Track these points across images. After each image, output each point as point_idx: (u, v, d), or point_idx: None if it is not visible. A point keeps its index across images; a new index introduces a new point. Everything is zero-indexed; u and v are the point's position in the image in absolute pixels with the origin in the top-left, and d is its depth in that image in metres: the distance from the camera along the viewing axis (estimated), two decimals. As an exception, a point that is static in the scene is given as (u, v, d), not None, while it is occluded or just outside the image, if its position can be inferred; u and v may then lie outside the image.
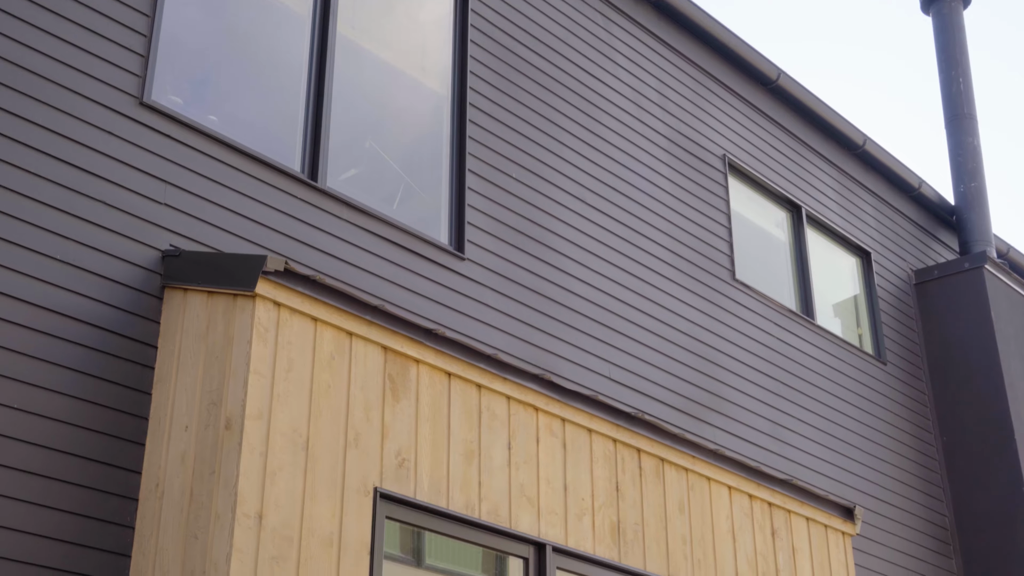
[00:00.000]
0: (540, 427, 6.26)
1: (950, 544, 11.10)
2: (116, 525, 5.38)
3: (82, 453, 5.39)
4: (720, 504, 7.12)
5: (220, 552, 4.81)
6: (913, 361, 11.78)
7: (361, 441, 5.40)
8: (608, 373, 8.29)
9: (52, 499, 5.23)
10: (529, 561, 5.93)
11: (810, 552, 7.59)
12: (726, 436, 9.09)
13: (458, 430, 5.85)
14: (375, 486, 5.37)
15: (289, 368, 5.25)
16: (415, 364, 5.77)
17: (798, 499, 7.61)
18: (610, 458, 6.58)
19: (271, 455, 5.05)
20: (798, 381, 10.11)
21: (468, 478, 5.79)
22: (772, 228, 10.85)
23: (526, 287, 7.94)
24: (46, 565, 5.13)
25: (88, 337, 5.58)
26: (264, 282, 5.24)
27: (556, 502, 6.16)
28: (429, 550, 5.88)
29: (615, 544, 6.38)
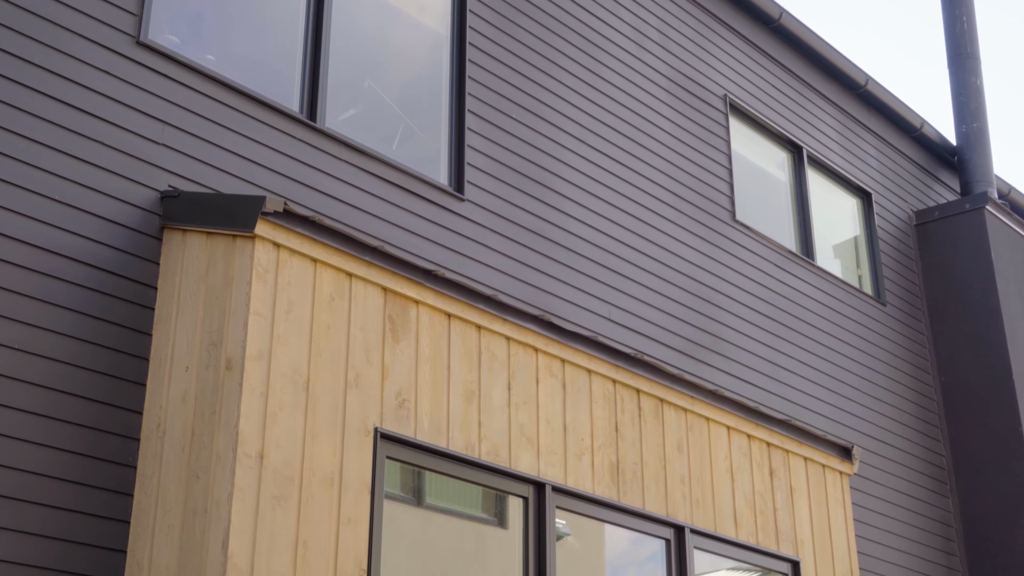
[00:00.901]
0: (540, 368, 6.28)
1: (947, 484, 11.18)
2: (118, 465, 5.41)
3: (83, 393, 5.41)
4: (719, 444, 7.16)
5: (222, 491, 4.84)
6: (913, 302, 11.79)
7: (361, 382, 5.42)
8: (608, 314, 8.30)
9: (54, 439, 5.26)
10: (529, 500, 5.97)
11: (808, 492, 7.64)
12: (725, 377, 9.12)
13: (458, 371, 5.87)
14: (375, 426, 5.39)
15: (289, 309, 5.26)
16: (415, 305, 5.78)
17: (796, 439, 7.65)
18: (609, 398, 6.60)
19: (272, 395, 5.06)
20: (797, 322, 10.13)
21: (468, 418, 5.82)
22: (773, 169, 10.82)
23: (526, 228, 7.92)
24: (49, 504, 5.17)
25: (87, 278, 5.57)
26: (263, 223, 5.23)
27: (556, 442, 6.19)
28: (429, 490, 5.92)
29: (614, 484, 6.42)
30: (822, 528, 7.62)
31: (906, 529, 10.43)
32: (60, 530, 5.16)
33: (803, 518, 7.52)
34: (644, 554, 6.76)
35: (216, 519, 4.82)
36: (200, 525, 4.89)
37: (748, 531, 7.09)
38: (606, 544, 6.64)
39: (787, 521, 7.39)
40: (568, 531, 6.28)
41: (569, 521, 6.25)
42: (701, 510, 6.85)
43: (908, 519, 10.50)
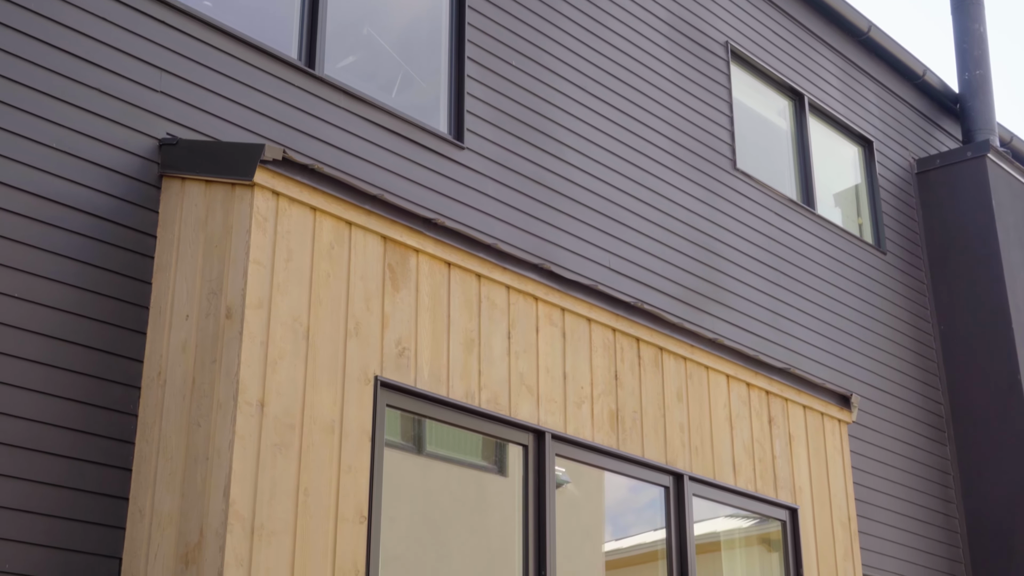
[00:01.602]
0: (540, 316, 6.29)
1: (945, 432, 11.23)
2: (119, 413, 5.43)
3: (83, 342, 5.42)
4: (718, 392, 7.19)
5: (223, 439, 4.86)
6: (913, 251, 11.78)
7: (361, 330, 5.43)
8: (608, 263, 8.29)
9: (55, 387, 5.27)
10: (528, 448, 6.00)
11: (806, 439, 7.68)
12: (725, 325, 9.13)
13: (458, 319, 5.88)
14: (375, 375, 5.40)
15: (288, 258, 5.25)
16: (415, 254, 5.77)
17: (795, 387, 7.67)
18: (609, 347, 6.61)
19: (272, 344, 5.07)
20: (797, 271, 10.13)
21: (468, 367, 5.83)
22: (774, 117, 10.77)
23: (526, 176, 7.90)
24: (51, 452, 5.19)
25: (87, 226, 5.56)
26: (262, 171, 5.21)
27: (555, 390, 6.21)
28: (429, 438, 5.95)
29: (613, 432, 6.45)
30: (820, 476, 7.66)
31: (904, 477, 10.49)
32: (62, 478, 5.19)
33: (801, 466, 7.56)
34: (643, 501, 6.80)
35: (217, 467, 4.84)
36: (201, 472, 4.92)
37: (746, 479, 7.13)
38: (605, 492, 6.68)
39: (785, 469, 7.43)
40: (568, 479, 6.32)
41: (569, 469, 6.29)
42: (700, 458, 6.89)
43: (906, 467, 10.56)
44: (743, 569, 7.52)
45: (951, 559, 10.71)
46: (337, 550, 5.01)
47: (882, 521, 10.02)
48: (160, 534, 5.03)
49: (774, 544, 7.35)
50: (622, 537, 6.92)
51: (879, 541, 9.90)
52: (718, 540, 7.28)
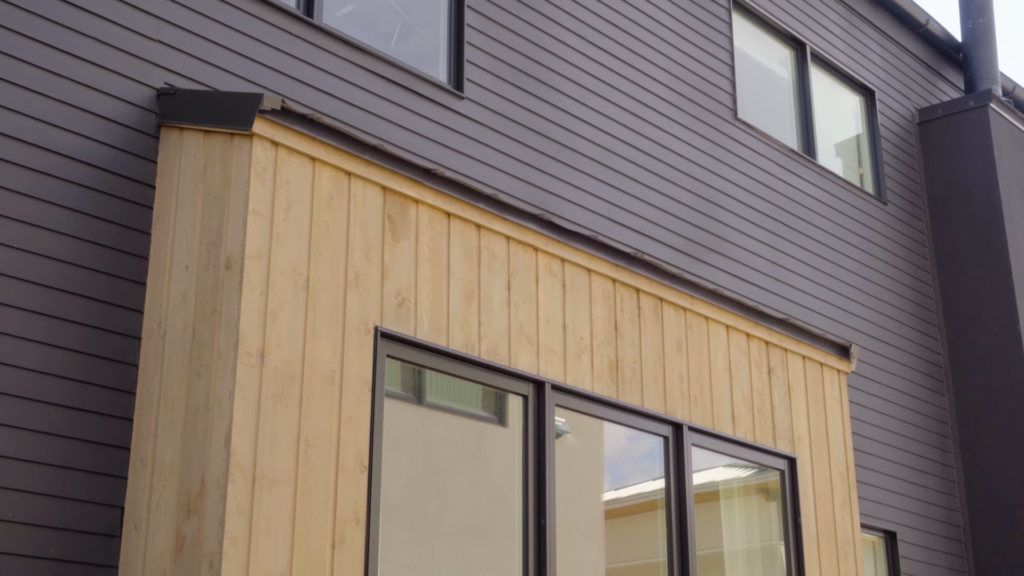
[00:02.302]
0: (540, 267, 6.28)
1: (943, 382, 11.26)
2: (120, 363, 5.44)
3: (84, 292, 5.41)
4: (718, 343, 7.20)
5: (223, 389, 4.88)
6: (914, 201, 11.76)
7: (361, 281, 5.42)
8: (608, 213, 8.28)
9: (56, 338, 5.28)
10: (528, 399, 6.02)
11: (805, 390, 7.70)
12: (725, 276, 9.13)
13: (458, 270, 5.87)
14: (376, 325, 5.41)
15: (288, 208, 5.24)
16: (414, 204, 5.76)
17: (795, 338, 7.69)
18: (609, 298, 6.61)
19: (272, 294, 5.07)
20: (798, 221, 10.11)
21: (468, 317, 5.83)
22: (775, 66, 10.70)
23: (526, 126, 7.86)
24: (52, 402, 5.21)
25: (85, 176, 5.54)
26: (261, 121, 5.19)
27: (555, 341, 6.22)
28: (430, 388, 5.97)
29: (613, 382, 6.46)
30: (819, 426, 7.69)
31: (902, 427, 10.53)
32: (63, 427, 5.21)
33: (800, 416, 7.59)
34: (642, 451, 6.83)
35: (218, 417, 4.86)
36: (202, 422, 4.93)
37: (745, 429, 7.16)
38: (605, 442, 6.71)
39: (784, 419, 7.45)
40: (567, 429, 6.34)
41: (568, 419, 6.31)
42: (699, 408, 6.91)
43: (904, 416, 10.60)
44: (741, 518, 7.57)
45: (948, 508, 10.78)
46: (338, 499, 5.04)
47: (880, 471, 10.08)
48: (162, 483, 5.06)
49: (772, 494, 7.39)
50: (621, 487, 6.96)
51: (877, 491, 9.96)
52: (717, 490, 7.32)
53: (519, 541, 5.83)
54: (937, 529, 10.57)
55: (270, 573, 4.73)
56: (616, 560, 6.71)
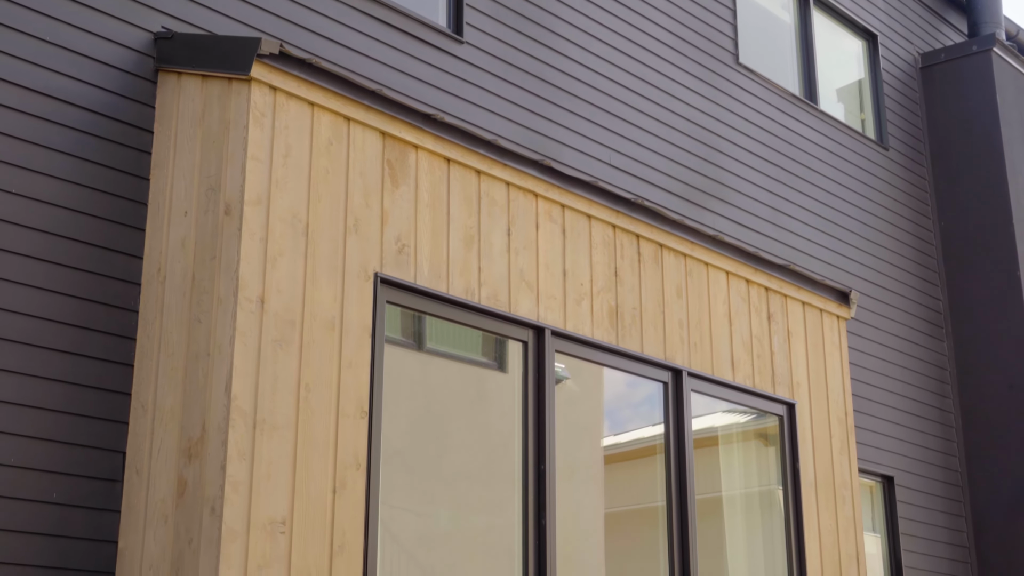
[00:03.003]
0: (540, 213, 6.27)
1: (942, 327, 11.28)
2: (120, 309, 5.44)
3: (82, 238, 5.40)
4: (718, 289, 7.20)
5: (224, 335, 4.88)
6: (915, 146, 11.71)
7: (361, 227, 5.41)
8: (608, 159, 8.24)
9: (55, 283, 5.28)
10: (528, 344, 6.03)
11: (805, 335, 7.71)
12: (725, 222, 9.11)
13: (457, 216, 5.86)
14: (375, 271, 5.40)
15: (287, 153, 5.21)
16: (414, 150, 5.73)
17: (795, 284, 7.68)
18: (609, 244, 6.60)
19: (271, 240, 5.06)
20: (799, 167, 10.07)
21: (468, 263, 5.83)
22: (777, 10, 10.61)
23: (526, 71, 7.81)
24: (53, 348, 5.21)
25: (82, 121, 5.51)
26: (259, 65, 5.15)
27: (555, 287, 6.22)
28: (430, 334, 5.97)
29: (613, 328, 6.47)
30: (818, 371, 7.71)
31: (900, 372, 10.56)
32: (64, 373, 5.22)
33: (799, 362, 7.60)
34: (642, 397, 6.86)
35: (219, 362, 4.87)
36: (203, 368, 4.94)
37: (745, 374, 7.17)
38: (604, 387, 6.73)
39: (783, 364, 7.47)
40: (567, 375, 6.36)
41: (568, 365, 6.33)
42: (699, 354, 6.92)
43: (903, 362, 10.63)
44: (740, 463, 7.62)
45: (946, 453, 10.84)
46: (339, 444, 5.06)
47: (878, 416, 10.12)
48: (163, 429, 5.08)
49: (771, 439, 7.43)
50: (620, 432, 6.99)
51: (875, 435, 10.01)
52: (716, 435, 7.35)
53: (519, 486, 5.86)
54: (934, 474, 10.63)
55: (272, 517, 4.76)
56: (615, 505, 6.76)
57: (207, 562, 4.62)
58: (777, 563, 7.21)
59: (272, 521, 4.76)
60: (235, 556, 4.61)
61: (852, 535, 7.55)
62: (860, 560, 7.56)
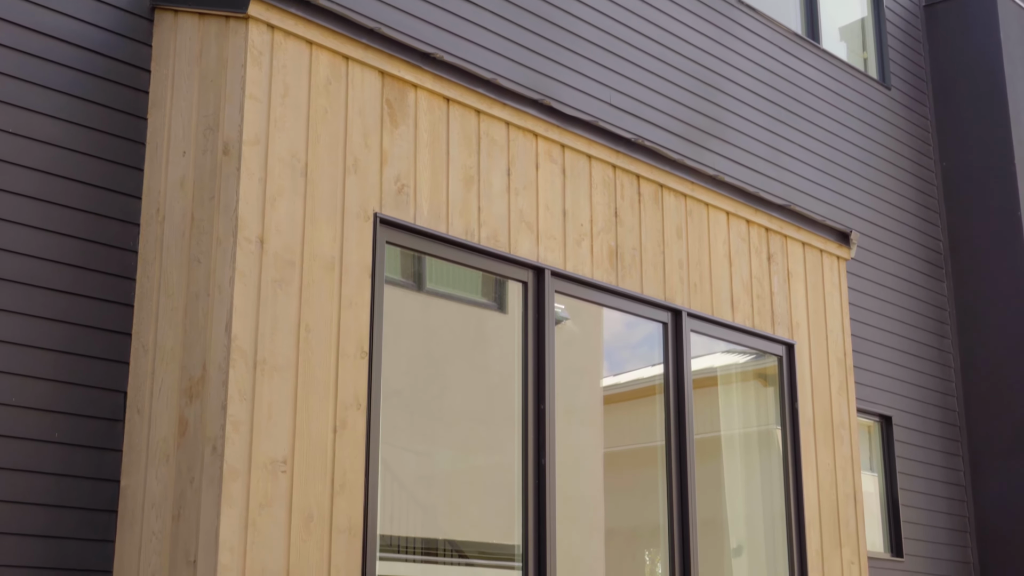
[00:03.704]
0: (539, 153, 6.24)
1: (942, 268, 11.28)
2: (118, 249, 5.43)
3: (81, 178, 5.38)
4: (718, 229, 7.18)
5: (223, 275, 4.88)
6: (918, 86, 11.63)
7: (360, 167, 5.39)
8: (609, 99, 8.19)
9: (53, 223, 5.26)
10: (528, 285, 6.02)
11: (804, 276, 7.71)
12: (726, 162, 9.08)
13: (457, 156, 5.83)
14: (375, 211, 5.39)
15: (285, 93, 5.18)
16: (413, 89, 5.69)
17: (795, 224, 7.67)
18: (609, 184, 6.58)
19: (270, 180, 5.04)
20: (800, 106, 10.01)
21: (467, 204, 5.81)
22: (780, -53, 10.50)
23: (525, 10, 7.74)
24: (52, 288, 5.21)
25: (79, 60, 5.47)
26: (256, 3, 5.10)
27: (555, 227, 6.21)
28: (430, 275, 5.97)
29: (613, 268, 6.46)
30: (817, 312, 7.72)
31: (900, 312, 10.57)
32: (64, 313, 5.22)
33: (799, 302, 7.61)
34: (641, 338, 6.87)
35: (219, 303, 4.87)
36: (203, 308, 4.95)
37: (744, 315, 7.18)
38: (604, 328, 6.74)
39: (783, 305, 7.48)
40: (567, 315, 6.37)
41: (568, 306, 6.33)
42: (698, 294, 6.93)
43: (902, 303, 10.64)
44: (739, 404, 7.65)
45: (944, 393, 10.88)
46: (339, 384, 5.08)
47: (877, 356, 10.15)
48: (164, 369, 5.09)
49: (770, 379, 7.45)
50: (620, 373, 7.01)
51: (873, 375, 10.04)
52: (715, 375, 7.38)
53: (518, 426, 5.89)
54: (932, 413, 10.68)
55: (272, 457, 4.79)
56: (614, 445, 6.80)
57: (209, 501, 4.65)
58: (775, 502, 7.27)
59: (273, 460, 4.79)
60: (237, 495, 4.64)
61: (850, 474, 7.60)
62: (857, 499, 7.61)
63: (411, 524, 5.78)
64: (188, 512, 4.75)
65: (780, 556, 7.17)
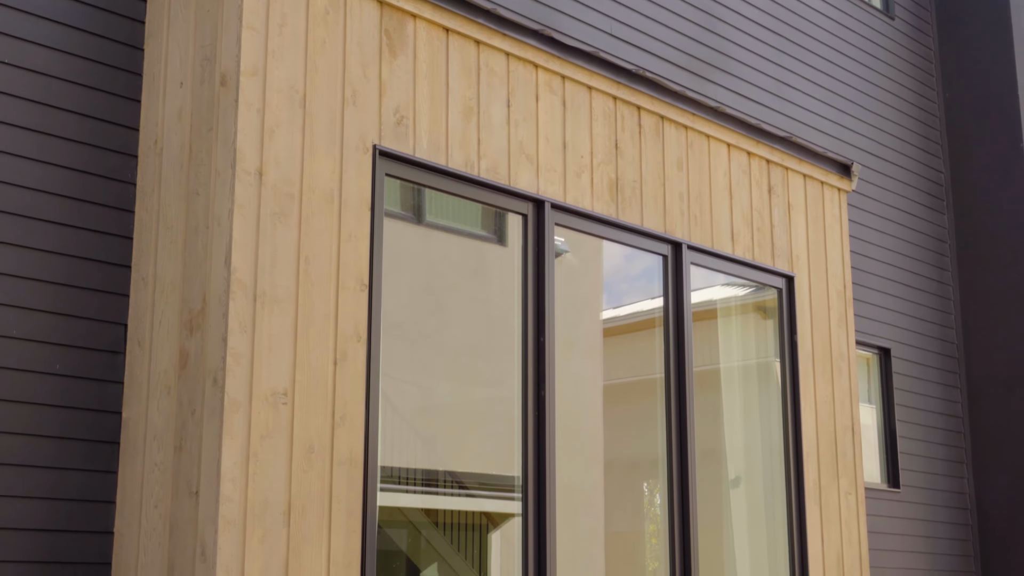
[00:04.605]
0: (540, 84, 6.19)
1: (943, 200, 11.25)
2: (117, 181, 5.41)
3: (77, 109, 5.35)
4: (718, 161, 7.15)
5: (222, 208, 4.86)
6: (922, 16, 11.52)
7: (359, 98, 5.35)
8: (610, 29, 8.11)
9: (51, 155, 5.24)
10: (528, 217, 6.01)
11: (805, 208, 7.69)
12: (727, 94, 9.02)
13: (456, 87, 5.79)
14: (374, 143, 5.36)
15: (283, 23, 5.12)
16: (412, 19, 5.63)
17: (796, 156, 7.64)
18: (610, 116, 6.54)
19: (268, 112, 5.01)
20: (803, 37, 9.92)
21: (467, 136, 5.78)
22: None
23: (526, -63, 7.64)
24: (50, 220, 5.20)
25: (74, -10, 5.41)
26: (253, -68, 5.03)
27: (555, 159, 6.18)
28: (429, 208, 5.95)
29: (613, 201, 6.44)
30: (817, 244, 7.71)
31: (900, 245, 10.56)
32: (63, 245, 5.21)
33: (799, 234, 7.60)
34: (641, 270, 6.87)
35: (218, 235, 4.86)
36: (202, 241, 4.94)
37: (744, 247, 7.17)
38: (604, 261, 6.74)
39: (783, 237, 7.46)
40: (566, 248, 6.36)
41: (567, 238, 6.32)
42: (699, 227, 6.91)
43: (903, 235, 10.62)
44: (738, 336, 7.67)
45: (943, 325, 10.91)
46: (339, 317, 5.08)
47: (877, 288, 10.15)
48: (164, 301, 5.09)
49: (770, 312, 7.46)
50: (619, 306, 7.02)
51: (873, 308, 10.06)
52: (715, 308, 7.39)
53: (518, 358, 5.90)
54: (931, 346, 10.71)
55: (273, 389, 4.80)
56: (614, 377, 6.83)
57: (210, 432, 4.67)
58: (773, 434, 7.31)
59: (274, 392, 4.81)
60: (238, 426, 4.66)
61: (848, 406, 7.64)
62: (855, 431, 7.66)
63: (412, 455, 5.82)
64: (190, 443, 4.78)
65: (778, 487, 7.23)
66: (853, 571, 7.43)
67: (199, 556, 4.60)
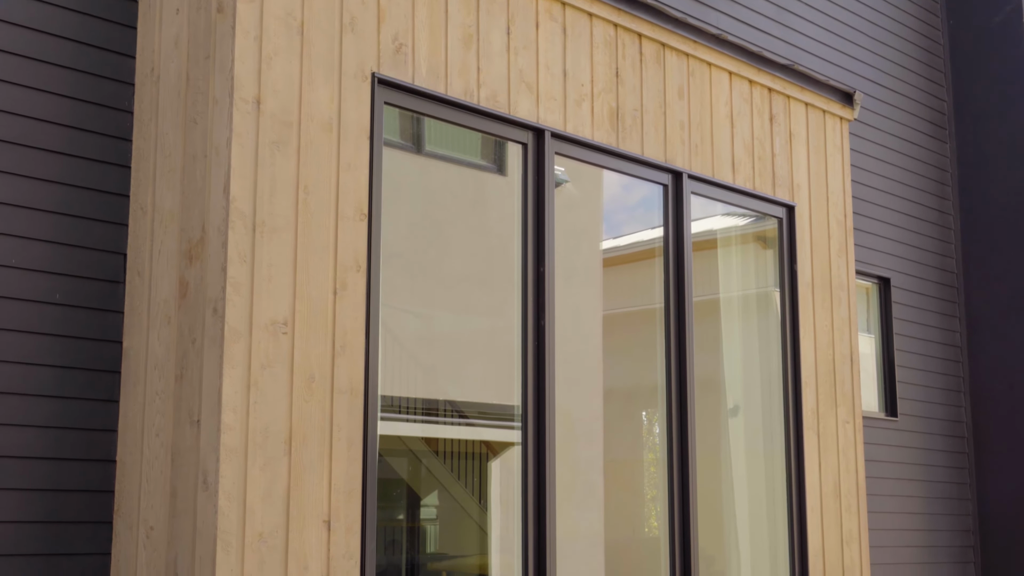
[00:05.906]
0: (540, 11, 6.12)
1: (946, 129, 11.18)
2: (113, 109, 5.37)
3: (72, 36, 5.29)
4: (720, 90, 7.10)
5: (220, 136, 4.83)
6: (926, -58, 11.38)
7: (357, 25, 5.29)
8: (611, -46, 8.01)
9: (44, 82, 5.19)
10: (528, 146, 5.97)
11: (807, 137, 7.65)
12: (730, 21, 8.92)
13: (456, 14, 5.72)
14: (372, 71, 5.31)
15: (280, -52, 5.05)
16: (411, -56, 5.56)
17: (798, 84, 7.58)
18: (610, 43, 6.48)
19: (266, 39, 4.95)
20: (806, -37, 9.81)
21: (466, 63, 5.72)
22: None
23: None
24: (47, 149, 5.17)
25: (68, -86, 5.33)
26: None
27: (555, 88, 6.13)
28: (429, 136, 5.92)
29: (613, 130, 6.40)
30: (818, 173, 7.68)
31: (902, 174, 10.52)
32: (60, 174, 5.19)
33: (800, 164, 7.56)
34: (641, 200, 6.84)
35: (216, 164, 4.83)
36: (201, 170, 4.91)
37: (745, 176, 7.14)
38: (604, 190, 6.71)
39: (784, 167, 7.43)
40: (567, 178, 6.33)
41: (568, 168, 6.29)
42: (699, 156, 6.88)
43: (904, 164, 10.58)
44: (738, 266, 7.66)
45: (943, 255, 10.90)
46: (338, 246, 5.07)
47: (877, 218, 10.13)
48: (163, 230, 5.08)
49: (770, 242, 7.45)
50: (619, 235, 7.00)
51: (873, 237, 10.04)
52: (715, 238, 7.37)
53: (518, 288, 5.90)
54: (931, 275, 10.71)
55: (273, 318, 4.81)
56: (613, 306, 6.83)
57: (211, 361, 4.68)
58: (772, 363, 7.33)
59: (274, 322, 4.81)
60: (238, 356, 4.67)
61: (847, 336, 7.66)
62: (854, 360, 7.68)
63: (412, 385, 5.84)
64: (191, 373, 4.79)
65: (776, 416, 7.27)
66: (850, 499, 7.50)
67: (201, 484, 4.63)
